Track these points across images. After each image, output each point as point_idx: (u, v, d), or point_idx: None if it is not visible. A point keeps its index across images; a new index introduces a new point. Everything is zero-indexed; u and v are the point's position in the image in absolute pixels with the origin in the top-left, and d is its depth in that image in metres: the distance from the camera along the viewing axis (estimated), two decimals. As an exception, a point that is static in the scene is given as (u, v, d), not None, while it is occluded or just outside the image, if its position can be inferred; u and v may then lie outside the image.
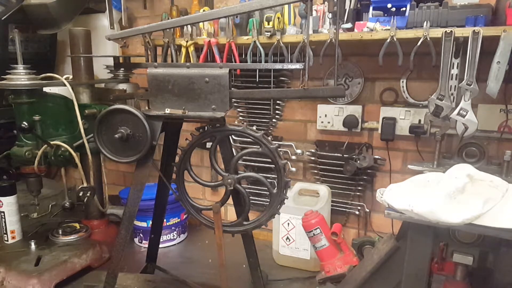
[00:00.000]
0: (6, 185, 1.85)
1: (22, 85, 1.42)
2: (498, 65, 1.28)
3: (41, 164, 1.48)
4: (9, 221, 1.86)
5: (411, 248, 1.06)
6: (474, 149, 1.41)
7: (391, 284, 1.13)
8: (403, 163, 1.75)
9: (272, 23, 1.60)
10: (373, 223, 1.86)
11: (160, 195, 1.53)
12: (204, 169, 2.22)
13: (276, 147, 1.20)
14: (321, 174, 1.90)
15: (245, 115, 2.02)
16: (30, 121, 1.41)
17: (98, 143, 1.22)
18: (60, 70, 2.29)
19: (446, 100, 1.37)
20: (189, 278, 1.61)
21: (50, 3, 1.84)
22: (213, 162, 1.26)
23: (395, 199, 1.04)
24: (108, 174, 2.10)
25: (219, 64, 1.20)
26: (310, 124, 1.91)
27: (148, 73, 1.20)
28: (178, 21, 1.26)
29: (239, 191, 1.27)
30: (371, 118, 1.76)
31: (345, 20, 1.50)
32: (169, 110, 1.19)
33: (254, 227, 1.30)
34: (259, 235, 2.02)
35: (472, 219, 0.93)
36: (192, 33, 1.80)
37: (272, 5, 1.11)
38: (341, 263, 1.28)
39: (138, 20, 2.24)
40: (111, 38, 1.30)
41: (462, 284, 1.10)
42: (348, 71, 1.77)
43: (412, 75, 1.65)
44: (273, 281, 1.68)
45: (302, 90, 1.14)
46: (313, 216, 1.36)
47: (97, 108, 1.57)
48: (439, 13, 1.38)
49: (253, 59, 1.71)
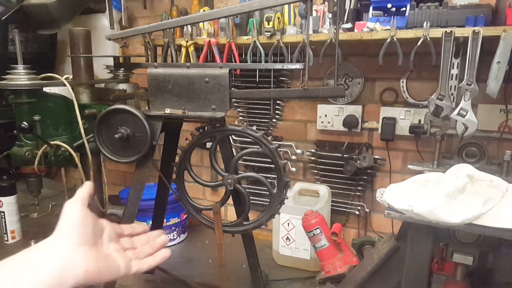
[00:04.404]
0: (6, 185, 1.86)
1: (22, 85, 1.42)
2: (498, 65, 1.28)
3: (41, 164, 1.48)
4: (9, 221, 1.87)
5: (411, 248, 1.06)
6: (474, 149, 1.41)
7: (391, 284, 1.13)
8: (403, 163, 1.75)
9: (272, 23, 1.60)
10: (373, 223, 1.86)
11: (160, 195, 1.53)
12: (204, 169, 2.22)
13: (276, 147, 1.20)
14: (321, 174, 1.90)
15: (245, 115, 2.01)
16: (30, 121, 1.41)
17: (98, 143, 1.22)
18: (60, 70, 2.29)
19: (446, 100, 1.37)
20: (189, 278, 1.61)
21: (50, 3, 1.84)
22: (213, 162, 1.26)
23: (395, 199, 1.04)
24: (108, 174, 2.10)
25: (219, 64, 1.20)
26: (310, 124, 1.91)
27: (148, 73, 1.20)
28: (178, 21, 1.26)
29: (239, 191, 1.27)
30: (371, 118, 1.76)
31: (345, 20, 1.50)
32: (169, 110, 1.19)
33: (254, 227, 1.30)
34: (259, 235, 2.02)
35: (472, 219, 0.93)
36: (192, 33, 1.80)
37: (272, 5, 1.11)
38: (341, 263, 1.28)
39: (138, 20, 2.24)
40: (111, 38, 1.30)
41: (462, 284, 1.10)
42: (348, 71, 1.77)
43: (412, 75, 1.65)
44: (273, 281, 1.68)
45: (302, 90, 1.14)
46: (313, 216, 1.36)
47: (97, 108, 1.56)
48: (439, 13, 1.38)
49: (253, 59, 1.71)
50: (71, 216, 0.56)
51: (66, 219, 0.56)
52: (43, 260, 0.51)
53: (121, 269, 0.59)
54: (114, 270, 0.58)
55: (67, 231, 0.54)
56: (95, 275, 0.54)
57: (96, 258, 0.55)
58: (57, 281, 0.50)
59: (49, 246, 0.53)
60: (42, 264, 0.50)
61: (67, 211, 0.56)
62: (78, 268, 0.52)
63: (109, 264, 0.58)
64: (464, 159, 1.41)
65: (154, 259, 0.65)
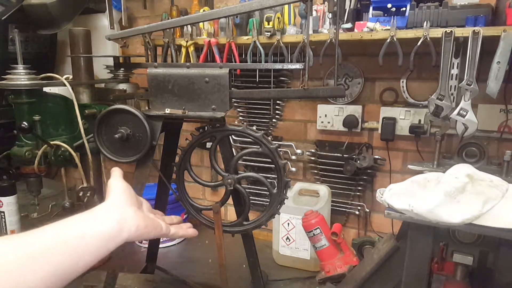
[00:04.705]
0: (6, 185, 1.85)
1: (22, 85, 1.42)
2: (498, 65, 1.27)
3: (41, 164, 1.47)
4: (9, 221, 1.86)
5: (411, 248, 1.06)
6: (474, 149, 1.41)
7: (391, 284, 1.13)
8: (403, 163, 1.75)
9: (272, 23, 1.60)
10: (373, 223, 1.86)
11: (160, 195, 1.53)
12: (204, 169, 2.22)
13: (276, 147, 1.20)
14: (321, 174, 1.90)
15: (245, 115, 2.01)
16: (30, 121, 1.40)
17: (98, 143, 1.22)
18: (60, 70, 2.29)
19: (446, 100, 1.37)
20: (189, 278, 1.61)
21: (50, 3, 1.84)
22: (213, 162, 1.26)
23: (395, 199, 1.04)
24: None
25: (219, 64, 1.20)
26: (310, 124, 1.91)
27: (148, 73, 1.20)
28: (178, 21, 1.26)
29: (239, 191, 1.27)
30: (371, 118, 1.76)
31: (345, 20, 1.50)
32: (169, 110, 1.19)
33: (254, 227, 1.30)
34: (259, 235, 2.02)
35: (472, 219, 0.93)
36: (192, 33, 1.79)
37: (272, 5, 1.11)
38: (341, 263, 1.28)
39: (138, 20, 2.24)
40: (111, 38, 1.30)
41: (462, 284, 1.10)
42: (348, 71, 1.77)
43: (412, 75, 1.65)
44: (273, 281, 1.68)
45: (302, 90, 1.14)
46: (313, 216, 1.36)
47: (97, 108, 1.56)
48: (439, 13, 1.38)
49: (253, 59, 1.71)
50: (118, 186, 0.66)
51: (113, 189, 0.66)
52: (104, 216, 0.59)
53: (163, 228, 0.68)
54: (158, 227, 0.67)
55: (117, 196, 0.64)
56: (144, 230, 0.63)
57: (143, 216, 0.64)
58: (115, 234, 0.58)
59: (107, 206, 0.62)
60: (103, 219, 0.59)
61: (113, 184, 0.67)
62: (130, 223, 0.61)
63: (154, 223, 0.67)
64: (464, 159, 1.41)
65: (187, 231, 0.76)
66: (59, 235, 0.54)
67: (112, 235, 0.58)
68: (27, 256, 0.49)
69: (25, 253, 0.50)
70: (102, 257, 0.57)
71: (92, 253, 0.55)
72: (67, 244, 0.53)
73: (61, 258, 0.52)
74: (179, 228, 0.75)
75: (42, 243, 0.52)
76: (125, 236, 0.60)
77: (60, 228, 0.55)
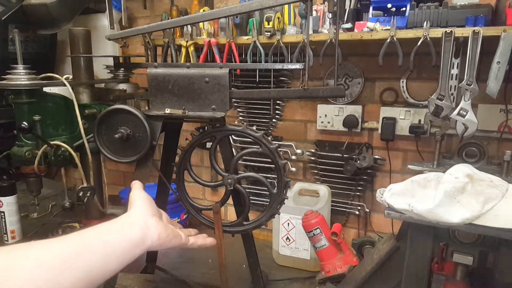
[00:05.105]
0: (6, 185, 1.85)
1: (22, 85, 1.42)
2: (498, 65, 1.28)
3: (41, 164, 1.47)
4: (9, 221, 1.86)
5: (411, 248, 1.06)
6: (474, 149, 1.41)
7: (391, 284, 1.13)
8: (403, 163, 1.75)
9: (272, 23, 1.60)
10: (373, 223, 1.86)
11: (160, 195, 1.53)
12: (204, 169, 2.22)
13: (276, 147, 1.20)
14: (321, 174, 1.90)
15: (245, 115, 2.01)
16: (30, 121, 1.41)
17: (98, 143, 1.22)
18: (60, 70, 2.29)
19: (446, 100, 1.37)
20: (189, 278, 1.61)
21: (50, 3, 1.84)
22: (213, 162, 1.26)
23: (395, 199, 1.04)
24: (108, 174, 2.10)
25: (219, 64, 1.20)
26: (310, 124, 1.91)
27: (148, 73, 1.20)
28: (178, 21, 1.26)
29: (239, 191, 1.27)
30: (371, 118, 1.76)
31: (345, 20, 1.50)
32: (169, 110, 1.19)
33: (254, 227, 1.30)
34: (259, 235, 2.02)
35: (472, 219, 0.93)
36: (192, 33, 1.79)
37: (272, 5, 1.11)
38: (341, 263, 1.28)
39: (138, 20, 2.24)
40: (111, 38, 1.30)
41: (462, 284, 1.10)
42: (348, 71, 1.77)
43: (412, 75, 1.65)
44: (273, 281, 1.68)
45: (302, 90, 1.14)
46: (313, 216, 1.36)
47: (97, 108, 1.56)
48: (439, 13, 1.38)
49: (253, 59, 1.71)
50: (140, 198, 0.70)
51: (136, 200, 0.69)
52: (128, 224, 0.62)
53: (183, 238, 0.71)
54: (178, 237, 0.70)
55: (140, 206, 0.67)
56: (165, 239, 0.66)
57: (164, 226, 0.67)
58: (139, 241, 0.61)
59: (131, 216, 0.65)
60: (128, 226, 0.62)
61: (135, 195, 0.71)
62: (153, 231, 0.64)
63: (174, 232, 0.69)
64: (464, 159, 1.41)
65: (205, 241, 0.80)
66: (88, 242, 0.56)
67: (136, 241, 0.61)
68: (61, 259, 0.52)
69: (59, 255, 0.52)
70: (127, 263, 0.59)
71: (119, 259, 0.58)
72: (95, 250, 0.55)
73: (90, 264, 0.54)
74: (197, 238, 0.78)
75: (71, 248, 0.54)
76: (148, 244, 0.62)
77: (88, 235, 0.57)
